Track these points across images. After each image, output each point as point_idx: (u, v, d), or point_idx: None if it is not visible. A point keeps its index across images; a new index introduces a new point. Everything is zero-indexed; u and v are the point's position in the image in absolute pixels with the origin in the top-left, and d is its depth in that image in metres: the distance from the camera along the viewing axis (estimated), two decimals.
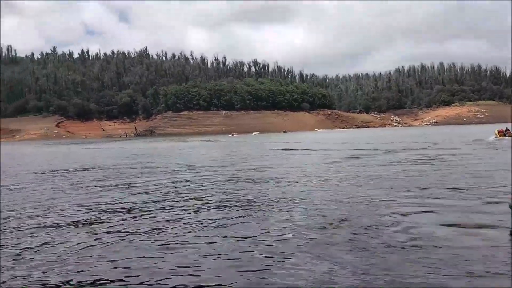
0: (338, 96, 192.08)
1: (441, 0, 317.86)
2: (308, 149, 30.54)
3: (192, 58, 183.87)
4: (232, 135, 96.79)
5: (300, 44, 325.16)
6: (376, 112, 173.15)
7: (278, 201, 9.23)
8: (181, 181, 13.68)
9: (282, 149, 32.02)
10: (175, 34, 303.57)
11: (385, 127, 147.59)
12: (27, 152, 44.72)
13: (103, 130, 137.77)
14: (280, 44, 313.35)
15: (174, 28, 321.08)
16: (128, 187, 12.72)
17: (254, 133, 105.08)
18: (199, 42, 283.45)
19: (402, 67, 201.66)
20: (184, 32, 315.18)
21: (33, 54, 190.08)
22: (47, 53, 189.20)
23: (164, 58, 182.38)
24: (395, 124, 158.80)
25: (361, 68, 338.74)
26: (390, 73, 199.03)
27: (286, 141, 47.35)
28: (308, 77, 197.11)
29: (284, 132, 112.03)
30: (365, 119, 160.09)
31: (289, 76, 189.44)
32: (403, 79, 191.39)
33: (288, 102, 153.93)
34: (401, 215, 7.30)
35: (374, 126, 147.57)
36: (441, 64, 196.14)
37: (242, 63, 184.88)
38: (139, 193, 11.49)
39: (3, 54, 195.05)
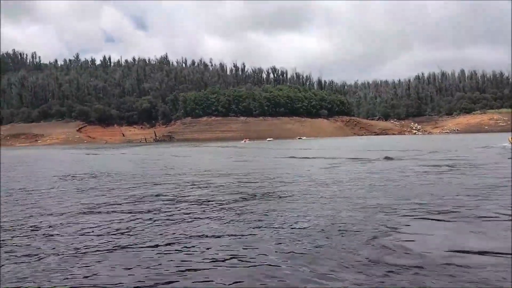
0: (356, 103, 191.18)
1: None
2: (316, 158, 28.24)
3: (211, 65, 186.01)
4: (244, 141, 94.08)
5: (315, 50, 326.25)
6: (395, 120, 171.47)
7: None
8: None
9: (289, 156, 30.09)
10: (190, 41, 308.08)
11: (405, 134, 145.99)
12: (47, 156, 45.90)
13: (123, 135, 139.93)
14: (295, 51, 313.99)
15: (189, 36, 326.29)
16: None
17: (268, 139, 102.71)
18: (214, 50, 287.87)
19: (422, 74, 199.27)
20: (200, 40, 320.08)
21: (56, 60, 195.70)
22: (70, 60, 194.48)
23: (183, 65, 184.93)
24: (414, 131, 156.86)
25: (377, 74, 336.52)
26: (409, 80, 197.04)
27: (297, 148, 46.51)
28: (327, 83, 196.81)
29: (299, 138, 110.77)
30: (384, 126, 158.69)
31: (307, 83, 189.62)
32: (423, 86, 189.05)
33: (306, 108, 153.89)
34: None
35: (393, 133, 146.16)
36: (462, 71, 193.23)
37: (260, 70, 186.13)
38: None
39: (28, 61, 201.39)
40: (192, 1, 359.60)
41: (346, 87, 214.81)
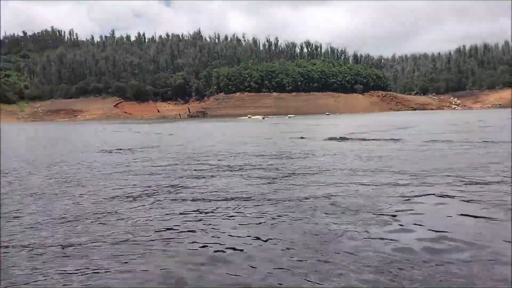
0: (393, 77, 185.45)
1: None
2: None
3: (244, 40, 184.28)
4: (263, 117, 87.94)
5: (343, 25, 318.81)
6: (434, 94, 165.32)
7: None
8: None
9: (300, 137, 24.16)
10: (215, 17, 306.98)
11: (443, 109, 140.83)
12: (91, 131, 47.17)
13: (158, 111, 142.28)
14: (322, 25, 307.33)
15: (213, 12, 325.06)
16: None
17: (288, 116, 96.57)
18: (240, 25, 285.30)
19: (464, 46, 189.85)
20: (224, 15, 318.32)
21: (92, 37, 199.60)
22: (105, 37, 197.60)
23: (216, 40, 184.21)
24: (454, 106, 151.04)
25: (409, 48, 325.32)
26: (450, 53, 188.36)
27: (313, 125, 44.41)
28: (363, 57, 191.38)
29: (326, 114, 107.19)
30: (422, 101, 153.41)
31: (342, 57, 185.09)
32: (464, 59, 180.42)
33: (341, 83, 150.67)
34: None
35: (432, 109, 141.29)
36: (506, 43, 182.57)
37: (294, 44, 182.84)
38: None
39: (66, 38, 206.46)
40: None
41: (382, 61, 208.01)
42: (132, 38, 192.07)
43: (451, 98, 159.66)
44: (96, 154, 17.12)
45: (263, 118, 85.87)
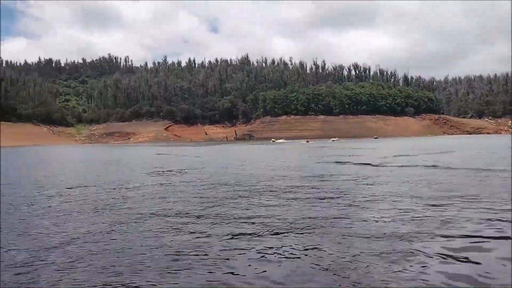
0: (446, 100, 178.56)
1: None
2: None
3: (291, 64, 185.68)
4: (307, 141, 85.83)
5: (388, 48, 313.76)
6: (490, 117, 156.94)
7: None
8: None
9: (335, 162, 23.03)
10: (259, 42, 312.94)
11: (501, 133, 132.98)
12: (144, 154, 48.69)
13: (206, 134, 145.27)
14: (369, 48, 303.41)
15: (259, 37, 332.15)
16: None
17: (332, 139, 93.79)
18: (284, 50, 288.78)
19: None
20: (268, 40, 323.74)
21: (146, 63, 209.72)
22: (158, 62, 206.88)
23: (263, 64, 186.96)
24: None
25: (456, 70, 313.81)
26: (507, 74, 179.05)
27: (357, 148, 42.88)
28: (413, 80, 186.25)
29: (375, 138, 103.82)
30: (478, 125, 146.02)
31: (392, 79, 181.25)
32: None
33: (390, 106, 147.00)
34: None
35: (488, 133, 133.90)
36: None
37: (341, 67, 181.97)
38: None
39: (121, 64, 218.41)
40: (259, 3, 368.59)
41: (434, 83, 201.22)
42: (183, 64, 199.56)
43: (510, 121, 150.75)
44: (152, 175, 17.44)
45: (307, 141, 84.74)
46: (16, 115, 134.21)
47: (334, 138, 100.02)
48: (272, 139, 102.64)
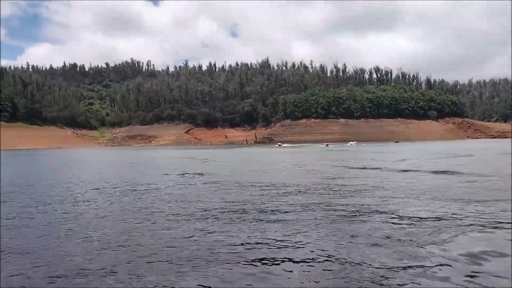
0: (470, 103, 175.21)
1: None
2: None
3: (311, 67, 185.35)
4: (326, 144, 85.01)
5: (411, 51, 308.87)
6: None
7: None
8: None
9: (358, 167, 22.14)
10: (280, 46, 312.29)
11: None
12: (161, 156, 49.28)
13: (226, 137, 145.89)
14: (390, 51, 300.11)
15: (279, 41, 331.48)
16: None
17: (350, 143, 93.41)
18: (304, 54, 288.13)
19: None
20: (289, 44, 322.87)
21: (168, 67, 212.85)
22: (179, 66, 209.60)
23: (283, 68, 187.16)
24: None
25: (483, 73, 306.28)
26: None
27: (378, 152, 41.67)
28: (436, 83, 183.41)
29: (395, 142, 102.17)
30: (503, 129, 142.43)
31: (415, 83, 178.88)
32: None
33: (413, 109, 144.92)
34: None
35: None
36: None
37: (362, 70, 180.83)
38: None
39: (143, 69, 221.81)
40: (279, 6, 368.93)
41: (458, 86, 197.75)
42: (204, 68, 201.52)
43: None
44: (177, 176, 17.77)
45: (327, 145, 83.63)
46: (42, 118, 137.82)
47: (352, 142, 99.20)
48: (278, 143, 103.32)
